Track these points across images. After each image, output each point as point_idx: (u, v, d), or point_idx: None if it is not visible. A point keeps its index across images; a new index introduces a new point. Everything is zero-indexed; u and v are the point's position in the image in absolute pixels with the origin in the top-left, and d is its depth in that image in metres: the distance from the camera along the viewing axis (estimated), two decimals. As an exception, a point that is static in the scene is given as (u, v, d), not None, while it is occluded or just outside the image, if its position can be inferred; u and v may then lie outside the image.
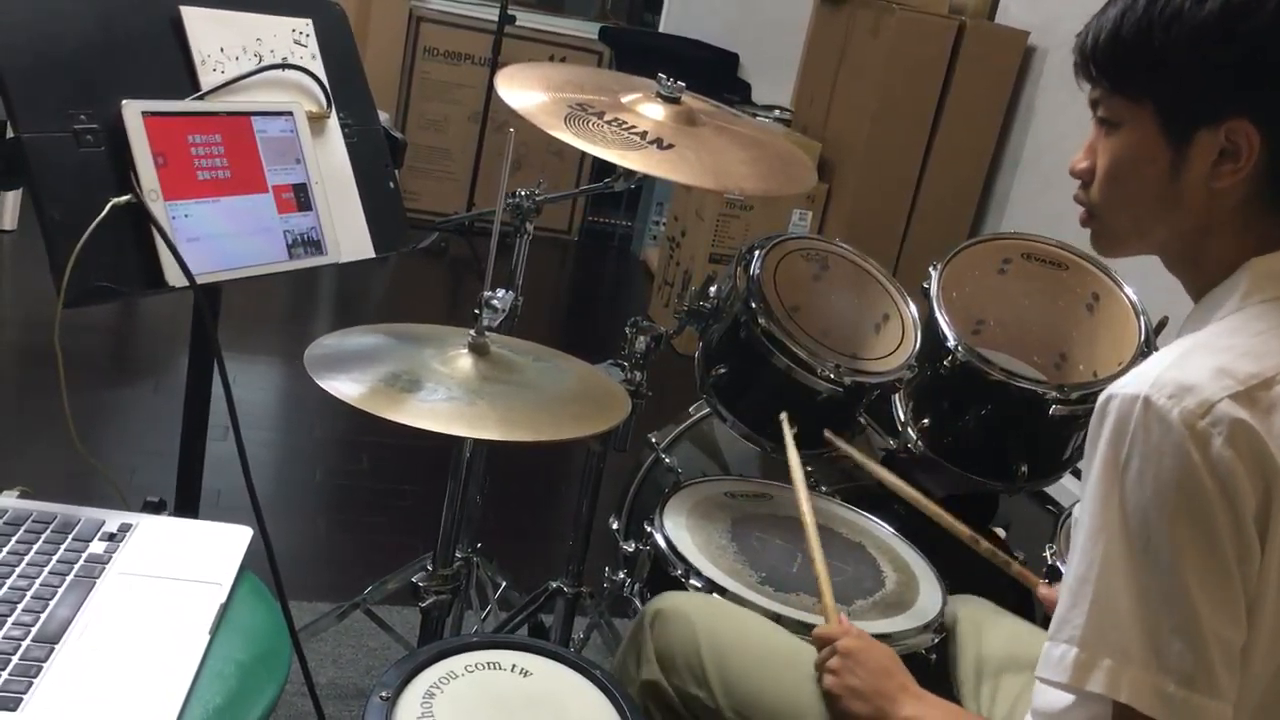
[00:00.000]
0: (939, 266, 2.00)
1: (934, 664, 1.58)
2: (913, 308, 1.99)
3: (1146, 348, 1.88)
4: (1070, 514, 1.71)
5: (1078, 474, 1.48)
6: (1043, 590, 1.44)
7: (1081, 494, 0.96)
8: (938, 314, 1.92)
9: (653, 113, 1.67)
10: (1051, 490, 2.08)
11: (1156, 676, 0.90)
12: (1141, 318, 1.92)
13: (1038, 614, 1.61)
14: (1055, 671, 0.94)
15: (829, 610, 1.41)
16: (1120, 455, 0.91)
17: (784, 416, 1.77)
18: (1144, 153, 1.00)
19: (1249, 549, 0.89)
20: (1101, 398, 0.94)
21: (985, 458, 1.94)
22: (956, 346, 1.87)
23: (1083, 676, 0.93)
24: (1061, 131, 3.73)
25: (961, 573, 1.75)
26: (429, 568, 1.68)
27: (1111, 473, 0.91)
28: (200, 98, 1.36)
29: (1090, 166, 1.05)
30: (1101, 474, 0.92)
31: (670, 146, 1.59)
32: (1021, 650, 1.44)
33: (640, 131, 1.61)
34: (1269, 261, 0.98)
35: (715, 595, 1.56)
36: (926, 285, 1.98)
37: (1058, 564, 1.67)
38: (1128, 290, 1.97)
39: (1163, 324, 1.91)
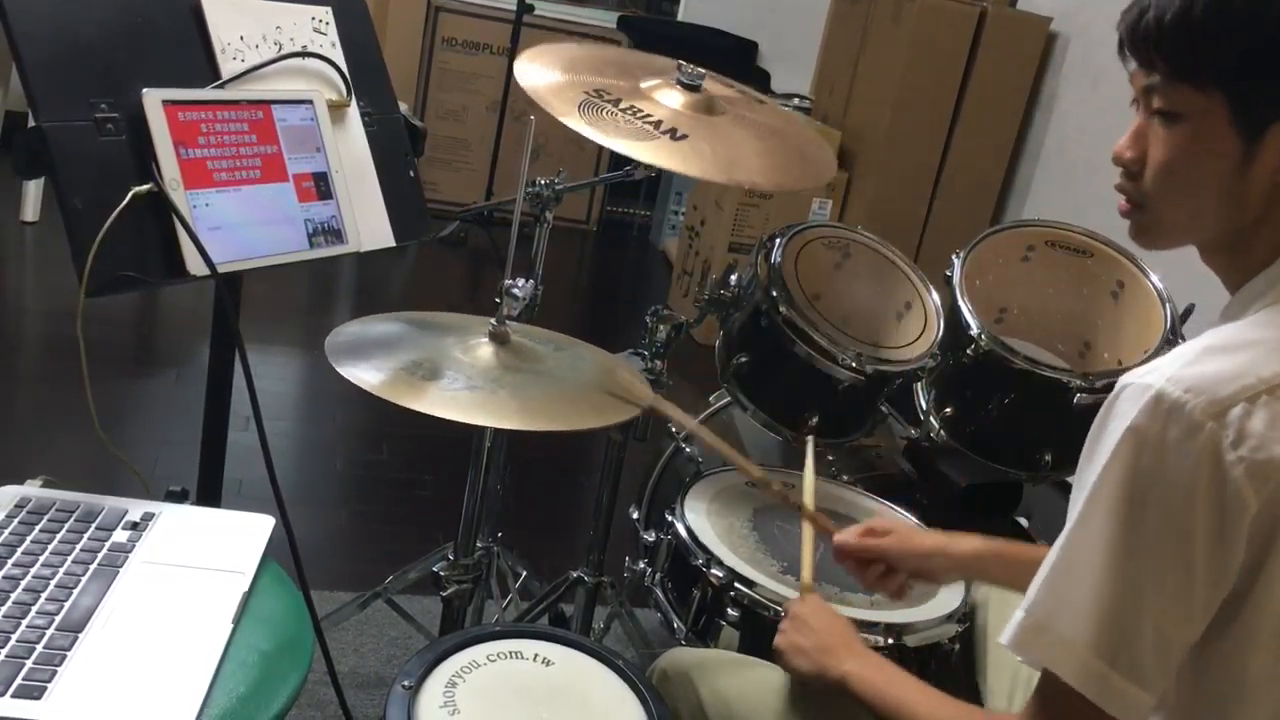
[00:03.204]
0: (962, 254, 1.99)
1: (956, 653, 1.57)
2: (935, 296, 1.97)
3: (1172, 335, 1.86)
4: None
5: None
6: (837, 537, 1.48)
7: (1078, 473, 0.96)
8: (961, 302, 1.91)
9: (671, 100, 1.65)
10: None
11: (1084, 651, 0.90)
12: (1167, 305, 1.90)
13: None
14: (1005, 634, 0.96)
15: (804, 586, 1.44)
16: (1123, 444, 0.90)
17: (810, 439, 1.77)
18: (1210, 146, 0.94)
19: (1228, 553, 0.88)
20: (1118, 384, 0.93)
21: (1008, 446, 1.93)
22: (980, 334, 1.86)
23: (1027, 642, 0.94)
24: (1084, 119, 3.70)
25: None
26: (450, 557, 1.68)
27: (1110, 459, 0.90)
28: (221, 86, 1.36)
29: (1138, 156, 0.99)
30: (1101, 459, 0.92)
31: (684, 137, 1.57)
32: None
33: (655, 121, 1.59)
34: None
35: (713, 649, 1.57)
36: (949, 273, 1.96)
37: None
38: (1153, 278, 1.95)
39: (1188, 311, 1.89)
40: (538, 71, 1.62)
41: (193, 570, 1.13)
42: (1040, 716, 0.96)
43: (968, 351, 1.87)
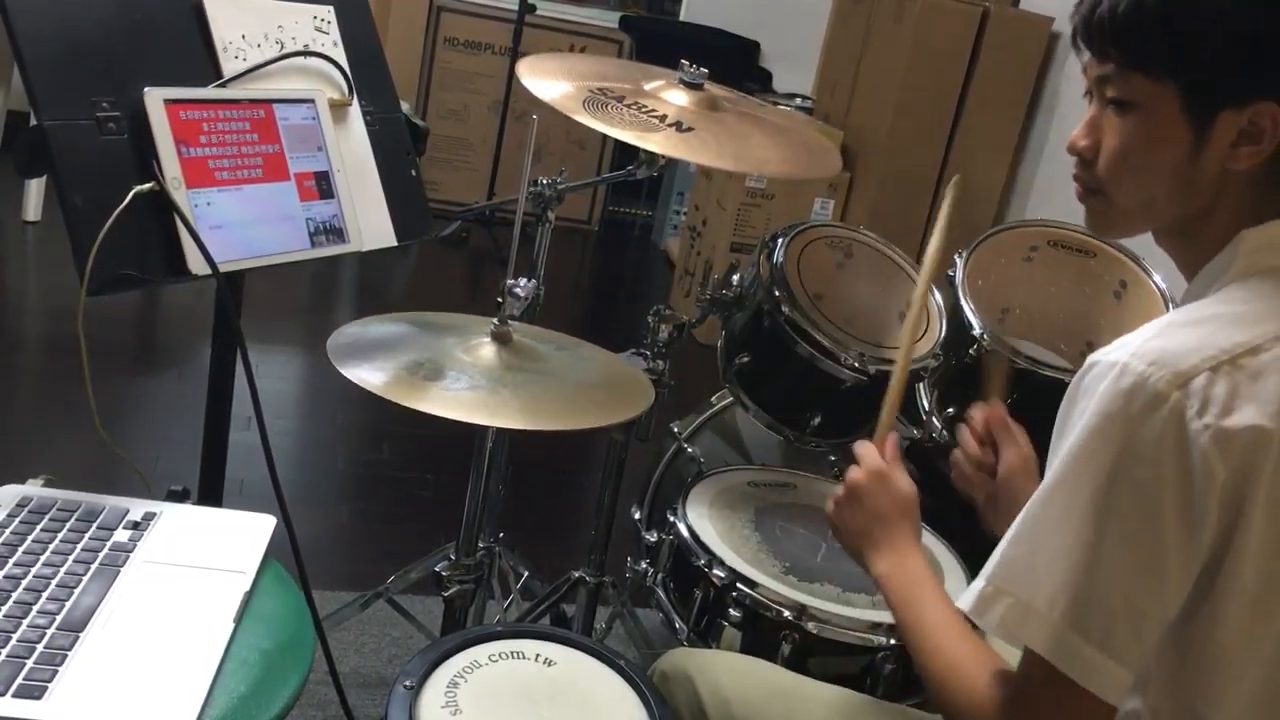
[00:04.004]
0: (964, 254, 1.99)
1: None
2: (937, 296, 1.97)
3: (1175, 336, 1.85)
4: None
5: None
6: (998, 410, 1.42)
7: (1050, 451, 0.96)
8: (963, 302, 1.90)
9: (675, 99, 1.65)
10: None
11: (1056, 623, 0.90)
12: (1170, 305, 1.90)
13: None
14: (963, 600, 0.96)
15: (881, 426, 1.34)
16: (1090, 420, 0.90)
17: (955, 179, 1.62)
18: (1162, 134, 0.97)
19: (1198, 524, 0.88)
20: (1086, 362, 0.94)
21: (1011, 447, 1.92)
22: (982, 335, 1.85)
23: (983, 609, 0.94)
24: (1087, 118, 3.69)
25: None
26: (452, 557, 1.68)
27: (1078, 435, 0.91)
28: (222, 85, 1.36)
29: (1093, 144, 1.02)
30: (1070, 435, 0.92)
31: (690, 130, 1.57)
32: None
33: (660, 115, 1.59)
34: (1259, 233, 0.97)
35: (714, 649, 1.56)
36: (951, 273, 1.96)
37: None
38: (1156, 277, 1.95)
39: (1191, 311, 1.89)
40: (540, 73, 1.63)
41: (194, 570, 1.13)
42: (1022, 693, 0.96)
43: (970, 352, 1.87)
